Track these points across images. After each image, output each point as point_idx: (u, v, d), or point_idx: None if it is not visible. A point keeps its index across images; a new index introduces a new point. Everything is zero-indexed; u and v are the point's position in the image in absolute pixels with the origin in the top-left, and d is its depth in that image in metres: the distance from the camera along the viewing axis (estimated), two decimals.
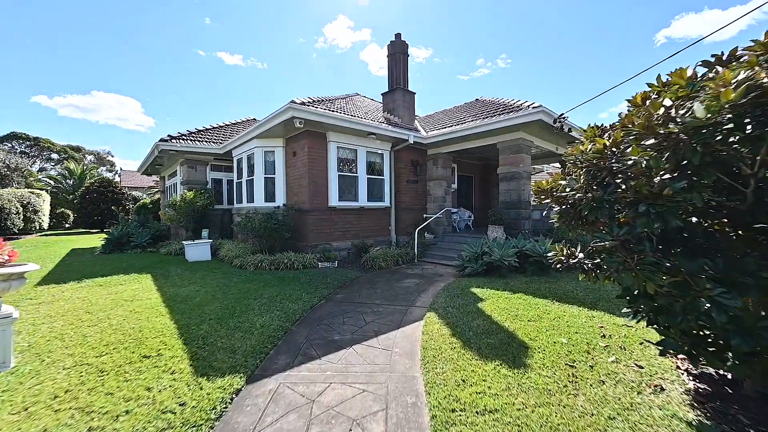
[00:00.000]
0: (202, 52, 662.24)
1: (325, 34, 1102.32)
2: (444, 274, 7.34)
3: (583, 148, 2.53)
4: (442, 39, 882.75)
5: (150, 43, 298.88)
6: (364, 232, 9.28)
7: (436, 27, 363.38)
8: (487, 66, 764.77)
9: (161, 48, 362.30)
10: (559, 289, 5.46)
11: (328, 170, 8.40)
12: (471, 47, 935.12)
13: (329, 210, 8.48)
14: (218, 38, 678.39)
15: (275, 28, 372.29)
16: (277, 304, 4.91)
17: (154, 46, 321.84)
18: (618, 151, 2.30)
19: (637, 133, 2.10)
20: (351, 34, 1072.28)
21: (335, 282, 6.43)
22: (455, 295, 5.40)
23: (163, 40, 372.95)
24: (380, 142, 9.43)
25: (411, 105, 10.78)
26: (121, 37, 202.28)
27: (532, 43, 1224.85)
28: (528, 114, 7.37)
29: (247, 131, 8.68)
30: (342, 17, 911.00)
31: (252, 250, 8.17)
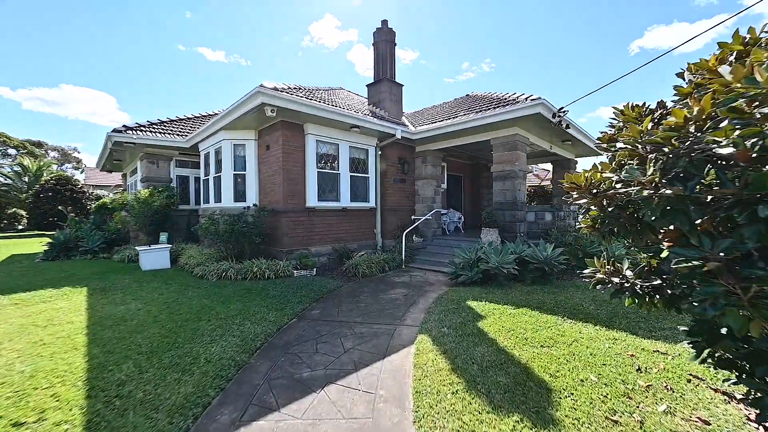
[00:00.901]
0: (182, 46, 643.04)
1: (312, 33, 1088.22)
2: (435, 283, 6.58)
3: (643, 128, 1.81)
4: (429, 42, 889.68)
5: (126, 36, 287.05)
6: (347, 236, 8.44)
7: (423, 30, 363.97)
8: (472, 69, 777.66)
9: (138, 41, 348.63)
10: (566, 302, 4.79)
11: (306, 167, 7.51)
12: (456, 51, 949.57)
13: (307, 211, 7.59)
14: (199, 33, 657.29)
15: (260, 24, 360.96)
16: (236, 327, 4.01)
17: (130, 39, 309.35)
18: (705, 126, 1.58)
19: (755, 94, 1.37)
20: (338, 34, 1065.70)
21: (312, 294, 5.57)
22: (450, 310, 4.64)
23: (140, 32, 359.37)
24: (365, 136, 8.61)
25: (398, 98, 10.01)
26: (94, 28, 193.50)
27: (514, 49, 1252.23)
28: (526, 107, 6.73)
29: (213, 121, 7.68)
30: (329, 16, 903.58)
31: (218, 256, 7.18)
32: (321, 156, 7.88)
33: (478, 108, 8.06)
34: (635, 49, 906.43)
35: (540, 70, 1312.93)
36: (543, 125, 7.73)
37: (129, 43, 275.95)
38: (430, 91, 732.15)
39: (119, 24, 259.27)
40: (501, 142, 7.92)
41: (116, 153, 10.34)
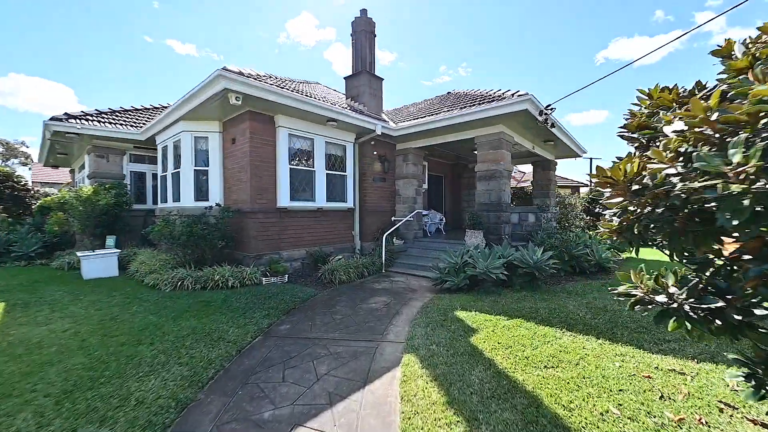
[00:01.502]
0: (149, 38, 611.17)
1: (288, 30, 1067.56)
2: (418, 289, 6.11)
3: (712, 104, 1.38)
4: (407, 44, 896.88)
5: (86, 24, 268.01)
6: (323, 239, 7.81)
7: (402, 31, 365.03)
8: (448, 73, 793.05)
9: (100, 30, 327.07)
10: (560, 310, 4.45)
11: (278, 162, 6.82)
12: (434, 54, 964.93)
13: (278, 212, 6.89)
14: (168, 24, 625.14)
15: (232, 18, 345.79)
16: (185, 351, 3.32)
17: (91, 27, 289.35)
18: None
19: None
20: (316, 32, 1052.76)
21: (281, 305, 4.92)
22: (437, 322, 4.16)
23: (102, 21, 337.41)
24: (342, 131, 8.02)
25: (378, 92, 9.50)
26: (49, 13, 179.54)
27: (489, 56, 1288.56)
28: (513, 103, 6.41)
29: (171, 109, 6.82)
30: (306, 14, 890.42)
31: (174, 263, 6.34)
32: (294, 151, 7.21)
33: (462, 104, 7.68)
34: (600, 59, 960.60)
35: (514, 77, 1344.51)
36: (528, 124, 7.48)
37: (89, 30, 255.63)
38: (408, 93, 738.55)
39: (78, 6, 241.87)
40: (486, 141, 7.59)
41: (60, 146, 9.11)
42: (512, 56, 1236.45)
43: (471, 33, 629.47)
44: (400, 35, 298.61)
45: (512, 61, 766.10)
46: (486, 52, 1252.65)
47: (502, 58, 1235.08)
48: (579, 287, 5.64)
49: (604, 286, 5.71)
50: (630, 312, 4.31)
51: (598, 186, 1.82)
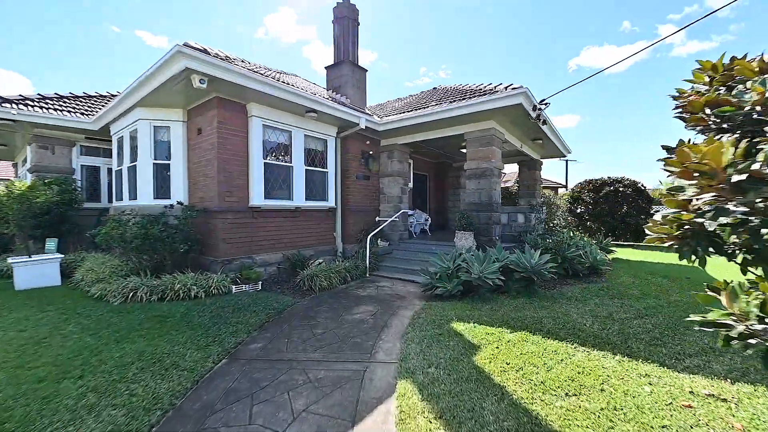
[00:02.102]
0: (116, 28, 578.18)
1: (267, 25, 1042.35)
2: (406, 296, 5.61)
3: None
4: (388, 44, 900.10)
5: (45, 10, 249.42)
6: (302, 241, 7.15)
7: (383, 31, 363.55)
8: (429, 75, 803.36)
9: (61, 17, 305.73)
10: (564, 319, 4.07)
11: (250, 156, 6.11)
12: (414, 55, 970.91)
13: (251, 211, 6.19)
14: (137, 14, 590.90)
15: (208, 9, 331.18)
16: (125, 385, 2.64)
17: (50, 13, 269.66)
18: None
19: None
20: (295, 29, 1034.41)
21: (253, 318, 4.27)
22: (433, 337, 3.66)
23: (63, 7, 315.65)
24: (323, 124, 7.39)
25: (362, 84, 8.92)
26: None
27: (468, 58, 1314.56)
28: (506, 96, 6.04)
29: (125, 93, 5.94)
30: (285, 9, 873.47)
31: (128, 269, 5.50)
32: (269, 145, 6.52)
33: (451, 99, 7.26)
34: (573, 66, 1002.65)
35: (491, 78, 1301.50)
36: (519, 120, 7.16)
37: (49, 18, 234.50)
38: (390, 94, 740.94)
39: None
40: (476, 137, 7.21)
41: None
42: (489, 61, 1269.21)
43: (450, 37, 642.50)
44: (381, 35, 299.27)
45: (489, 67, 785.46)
46: (464, 56, 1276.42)
47: (480, 62, 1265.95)
48: (577, 292, 5.33)
49: (602, 290, 5.43)
50: (638, 321, 4.00)
51: (680, 176, 1.37)
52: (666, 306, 4.59)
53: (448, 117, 6.84)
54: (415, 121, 7.27)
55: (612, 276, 6.50)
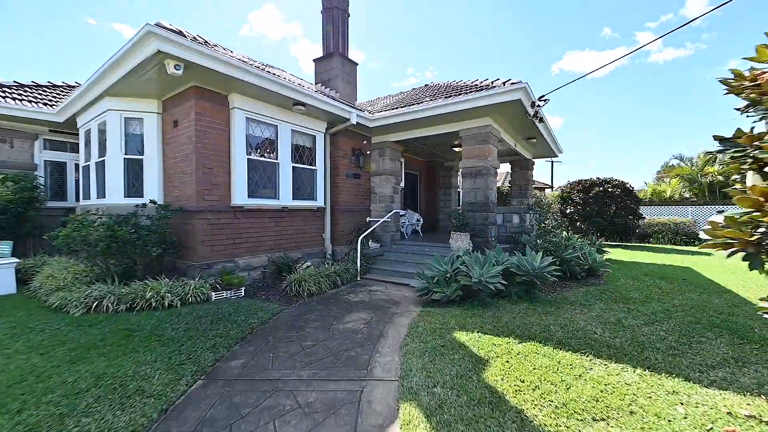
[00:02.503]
0: (92, 20, 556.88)
1: (251, 22, 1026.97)
2: (401, 301, 5.28)
3: None
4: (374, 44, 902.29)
5: None
6: (288, 243, 6.72)
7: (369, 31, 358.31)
8: (416, 75, 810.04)
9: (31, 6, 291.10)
10: (572, 327, 3.82)
11: (232, 151, 5.65)
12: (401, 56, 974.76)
13: (233, 211, 5.72)
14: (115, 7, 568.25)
15: (189, 3, 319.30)
16: (74, 420, 2.20)
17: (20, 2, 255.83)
18: None
19: None
20: (281, 27, 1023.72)
21: (235, 330, 3.85)
22: (435, 349, 3.34)
23: None
24: (312, 119, 6.98)
25: (353, 78, 8.54)
26: None
27: (454, 60, 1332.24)
28: (505, 92, 5.79)
29: (92, 79, 5.37)
30: (269, 6, 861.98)
31: (94, 275, 4.96)
32: (254, 140, 6.06)
33: (446, 94, 6.97)
34: (556, 70, 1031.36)
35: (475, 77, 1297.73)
36: (515, 117, 6.94)
37: (19, 6, 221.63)
38: (375, 94, 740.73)
39: None
40: (472, 134, 6.94)
41: None
42: (475, 64, 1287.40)
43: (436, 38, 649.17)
44: (367, 35, 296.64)
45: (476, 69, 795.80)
46: (450, 59, 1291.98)
47: (466, 64, 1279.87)
48: (579, 295, 5.12)
49: (604, 293, 5.24)
50: (649, 328, 3.79)
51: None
52: (672, 310, 4.41)
53: (444, 113, 6.55)
54: (408, 117, 6.95)
55: (609, 278, 6.35)
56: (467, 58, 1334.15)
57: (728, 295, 5.20)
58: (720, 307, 4.52)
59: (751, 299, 5.00)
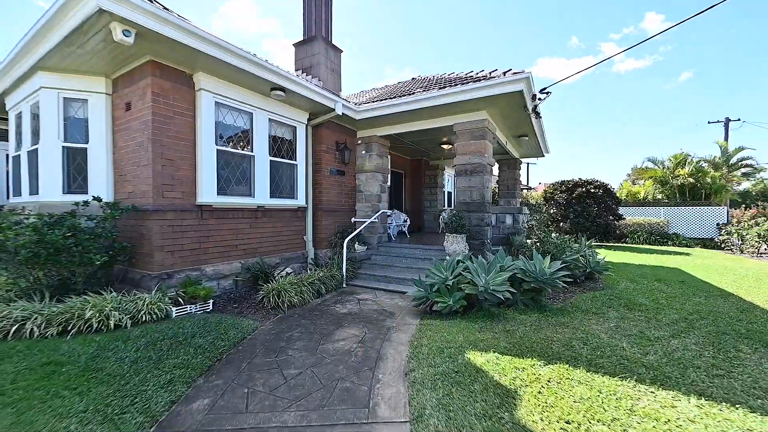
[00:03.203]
0: (43, 3, 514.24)
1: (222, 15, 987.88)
2: (395, 312, 4.70)
3: None
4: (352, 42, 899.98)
5: None
6: (265, 246, 5.95)
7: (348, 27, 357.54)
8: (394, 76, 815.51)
9: None
10: (596, 342, 3.39)
11: (199, 141, 4.83)
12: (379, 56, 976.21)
13: (199, 210, 4.91)
14: None
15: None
16: None
17: None
18: None
19: None
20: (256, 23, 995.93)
21: (199, 357, 3.12)
22: (448, 375, 2.78)
23: None
24: (292, 108, 6.24)
25: (337, 67, 7.85)
26: None
27: (432, 62, 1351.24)
28: (506, 82, 5.36)
29: (17, 49, 4.37)
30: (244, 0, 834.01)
31: (21, 290, 3.99)
32: (225, 129, 5.26)
33: (440, 85, 6.46)
34: None
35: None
36: (511, 112, 6.55)
37: None
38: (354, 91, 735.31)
39: None
40: (467, 129, 6.48)
41: None
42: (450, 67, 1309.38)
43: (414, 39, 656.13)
44: (345, 33, 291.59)
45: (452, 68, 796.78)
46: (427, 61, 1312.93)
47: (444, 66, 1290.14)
48: (587, 302, 4.75)
49: (611, 299, 4.91)
50: (676, 341, 3.42)
51: None
52: (690, 319, 4.11)
53: (439, 105, 6.03)
54: (401, 109, 6.38)
55: (608, 281, 6.08)
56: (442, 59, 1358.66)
57: (733, 299, 5.03)
58: (734, 314, 4.28)
59: (756, 302, 4.84)
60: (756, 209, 13.63)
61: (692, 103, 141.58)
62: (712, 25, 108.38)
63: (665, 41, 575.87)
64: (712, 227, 14.62)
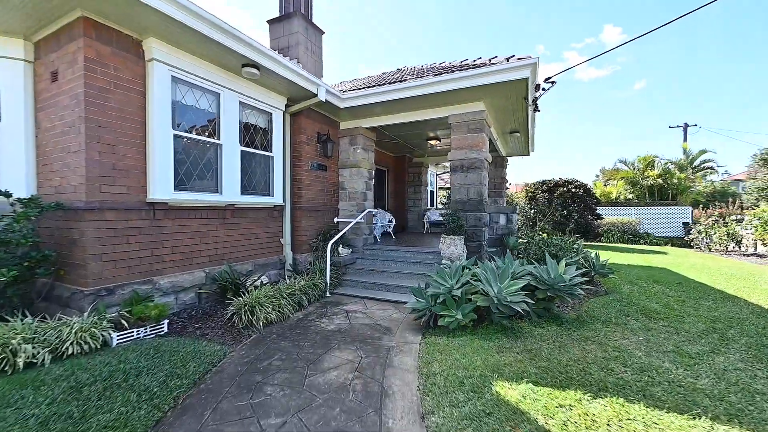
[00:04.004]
0: None
1: None
2: (392, 327, 4.05)
3: None
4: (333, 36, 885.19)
5: None
6: (236, 251, 5.08)
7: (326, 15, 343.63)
8: None
9: None
10: (635, 363, 2.92)
11: (150, 123, 3.90)
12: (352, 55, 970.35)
13: (152, 209, 3.98)
14: None
15: None
16: None
17: None
18: None
19: None
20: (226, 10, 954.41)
21: (142, 409, 2.31)
22: (480, 420, 2.19)
23: None
24: (268, 91, 5.40)
25: (318, 49, 7.05)
26: None
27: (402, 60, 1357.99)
28: (510, 68, 4.86)
29: None
30: None
31: None
32: (185, 110, 4.35)
33: (435, 72, 5.88)
34: None
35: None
36: (509, 103, 6.09)
37: None
38: None
39: None
40: (463, 121, 5.95)
41: None
42: None
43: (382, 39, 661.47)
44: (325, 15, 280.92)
45: None
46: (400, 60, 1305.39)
47: None
48: (599, 309, 4.35)
49: (623, 305, 4.54)
50: (721, 358, 3.03)
51: None
52: (719, 328, 3.77)
53: (434, 93, 5.44)
54: (391, 97, 5.72)
55: (608, 284, 5.78)
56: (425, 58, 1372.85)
57: (739, 302, 4.84)
58: (753, 320, 4.02)
59: (763, 305, 4.67)
60: (712, 209, 14.40)
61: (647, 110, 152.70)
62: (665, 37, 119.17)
63: (623, 52, 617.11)
64: (679, 226, 15.25)
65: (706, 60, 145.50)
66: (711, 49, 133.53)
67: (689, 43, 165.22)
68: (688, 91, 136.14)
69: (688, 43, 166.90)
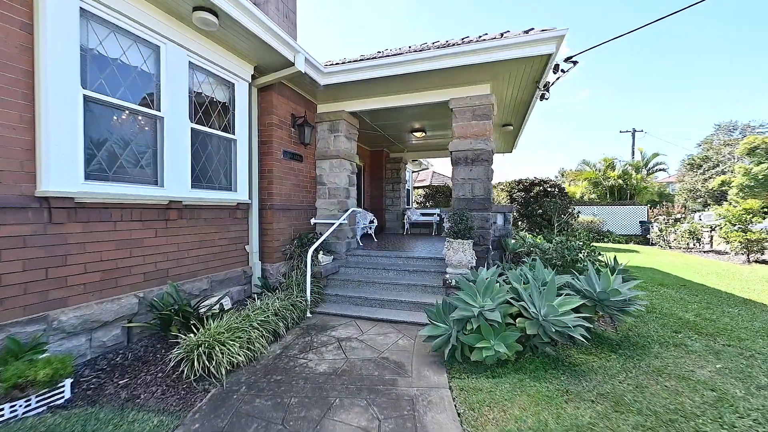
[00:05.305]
0: None
1: None
2: (403, 362, 3.08)
3: None
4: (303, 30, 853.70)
5: None
6: (185, 265, 3.75)
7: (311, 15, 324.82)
8: None
9: None
10: (742, 408, 2.24)
11: (41, 75, 2.53)
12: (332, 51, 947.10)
13: (45, 207, 2.60)
14: None
15: None
16: None
17: None
18: None
19: None
20: None
21: None
22: None
23: None
24: (229, 53, 4.12)
25: (291, 13, 5.79)
26: None
27: None
28: (532, 41, 4.11)
29: None
30: None
31: None
32: (101, 63, 2.99)
33: (437, 46, 4.99)
34: None
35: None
36: (513, 89, 5.40)
37: None
38: None
39: None
40: (467, 105, 5.12)
41: None
42: None
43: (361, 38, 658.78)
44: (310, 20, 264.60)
45: None
46: None
47: None
48: (639, 324, 3.74)
49: (659, 317, 3.99)
50: None
51: None
52: None
53: (438, 69, 4.54)
54: (386, 72, 4.72)
55: None
56: None
57: (759, 306, 4.54)
58: None
59: None
60: (660, 209, 15.27)
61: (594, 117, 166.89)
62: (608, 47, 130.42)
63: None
64: (637, 225, 16.02)
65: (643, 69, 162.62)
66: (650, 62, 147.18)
67: (633, 54, 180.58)
68: (630, 99, 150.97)
69: (631, 53, 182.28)
